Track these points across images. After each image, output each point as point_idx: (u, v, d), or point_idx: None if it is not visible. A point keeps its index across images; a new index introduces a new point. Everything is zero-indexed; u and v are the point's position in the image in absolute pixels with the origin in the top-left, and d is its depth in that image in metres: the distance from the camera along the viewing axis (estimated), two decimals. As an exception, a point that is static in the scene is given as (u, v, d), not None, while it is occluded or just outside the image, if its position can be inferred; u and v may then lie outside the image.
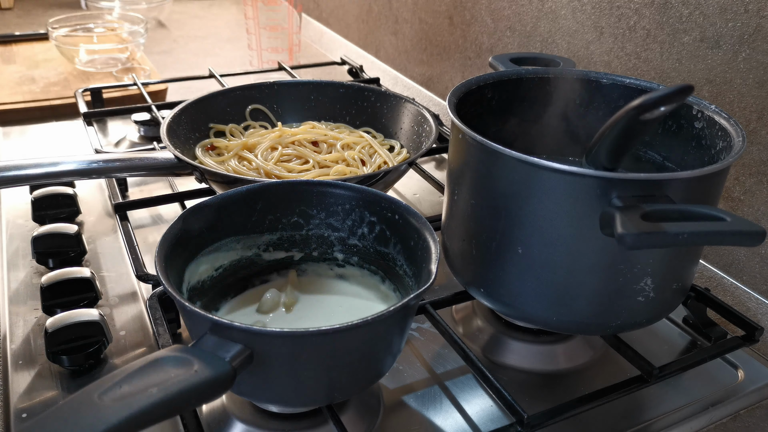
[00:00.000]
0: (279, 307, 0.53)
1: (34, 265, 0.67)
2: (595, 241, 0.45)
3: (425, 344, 0.59)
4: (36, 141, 0.96)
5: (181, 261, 0.48)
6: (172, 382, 0.35)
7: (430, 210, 0.83)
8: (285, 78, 1.05)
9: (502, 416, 0.52)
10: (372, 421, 0.51)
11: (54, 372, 0.54)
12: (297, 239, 0.56)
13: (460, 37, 1.04)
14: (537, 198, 0.46)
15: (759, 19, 0.59)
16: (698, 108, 0.55)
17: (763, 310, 0.63)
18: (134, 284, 0.65)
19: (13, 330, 0.58)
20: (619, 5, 0.74)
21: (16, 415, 0.50)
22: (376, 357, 0.44)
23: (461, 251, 0.55)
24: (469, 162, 0.51)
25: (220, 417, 0.49)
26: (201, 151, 0.78)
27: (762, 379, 0.57)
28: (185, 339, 0.58)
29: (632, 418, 0.53)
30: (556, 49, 0.84)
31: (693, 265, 0.52)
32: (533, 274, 0.49)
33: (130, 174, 0.71)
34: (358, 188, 0.53)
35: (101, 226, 0.75)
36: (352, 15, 1.41)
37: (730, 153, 0.48)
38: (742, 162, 0.64)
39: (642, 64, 0.72)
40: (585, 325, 0.50)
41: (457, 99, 0.55)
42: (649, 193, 0.43)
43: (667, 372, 0.52)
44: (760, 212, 0.63)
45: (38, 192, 0.75)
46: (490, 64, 0.68)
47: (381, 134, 0.85)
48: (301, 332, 0.38)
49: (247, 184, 0.53)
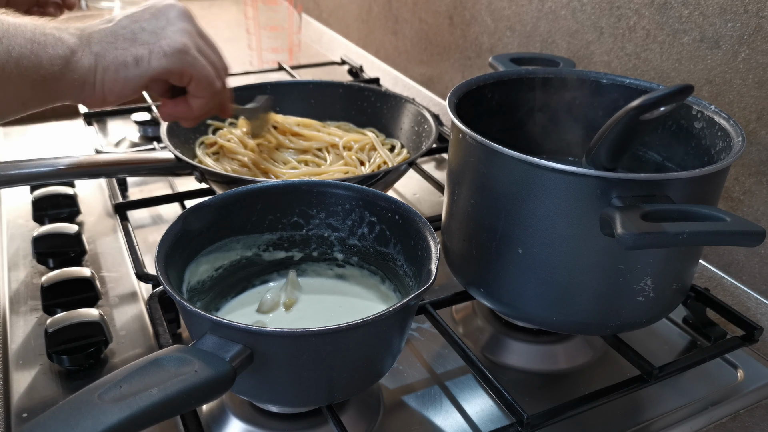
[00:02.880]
0: (279, 307, 0.53)
1: (34, 265, 0.67)
2: (595, 241, 0.45)
3: (425, 344, 0.59)
4: (36, 141, 0.96)
5: (181, 261, 0.48)
6: (172, 382, 0.35)
7: (430, 210, 0.83)
8: (285, 78, 1.05)
9: (502, 416, 0.52)
10: (372, 421, 0.51)
11: (54, 372, 0.54)
12: (297, 239, 0.56)
13: (460, 37, 1.05)
14: (537, 198, 0.46)
15: (759, 20, 0.59)
16: (698, 108, 0.55)
17: (763, 310, 0.63)
18: (134, 284, 0.65)
19: (13, 330, 0.58)
20: (619, 5, 0.74)
21: (16, 414, 0.50)
22: (376, 357, 0.44)
23: (461, 251, 0.55)
24: (469, 162, 0.51)
25: (220, 417, 0.49)
26: (201, 151, 0.78)
27: (761, 379, 0.57)
28: (185, 339, 0.58)
29: (632, 418, 0.53)
30: (556, 49, 0.84)
31: (693, 265, 0.52)
32: (533, 274, 0.49)
33: (130, 174, 0.71)
34: (358, 188, 0.53)
35: (101, 226, 0.75)
36: (352, 15, 1.41)
37: (730, 153, 0.48)
38: (741, 162, 0.64)
39: (642, 64, 0.72)
40: (585, 325, 0.50)
41: (457, 99, 0.55)
42: (649, 193, 0.43)
43: (667, 372, 0.52)
44: (760, 212, 0.63)
45: (38, 192, 0.75)
46: (490, 64, 0.68)
47: (382, 134, 0.85)
48: (301, 332, 0.38)
49: (247, 184, 0.53)
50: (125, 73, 0.53)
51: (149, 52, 0.54)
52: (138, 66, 0.53)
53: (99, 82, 0.52)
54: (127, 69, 0.53)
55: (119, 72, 0.53)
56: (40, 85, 0.49)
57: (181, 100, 0.62)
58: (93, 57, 0.51)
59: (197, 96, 0.60)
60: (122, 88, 0.54)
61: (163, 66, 0.55)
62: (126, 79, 0.53)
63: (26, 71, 0.47)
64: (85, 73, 0.51)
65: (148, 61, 0.54)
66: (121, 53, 0.53)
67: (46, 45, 0.48)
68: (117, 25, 0.54)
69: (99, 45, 0.52)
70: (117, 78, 0.53)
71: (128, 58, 0.53)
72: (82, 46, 0.51)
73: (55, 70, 0.49)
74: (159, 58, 0.54)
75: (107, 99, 0.54)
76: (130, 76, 0.53)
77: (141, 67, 0.54)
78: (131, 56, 0.53)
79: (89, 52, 0.51)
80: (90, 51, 0.51)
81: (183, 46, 0.56)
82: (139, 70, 0.54)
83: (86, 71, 0.51)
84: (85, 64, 0.51)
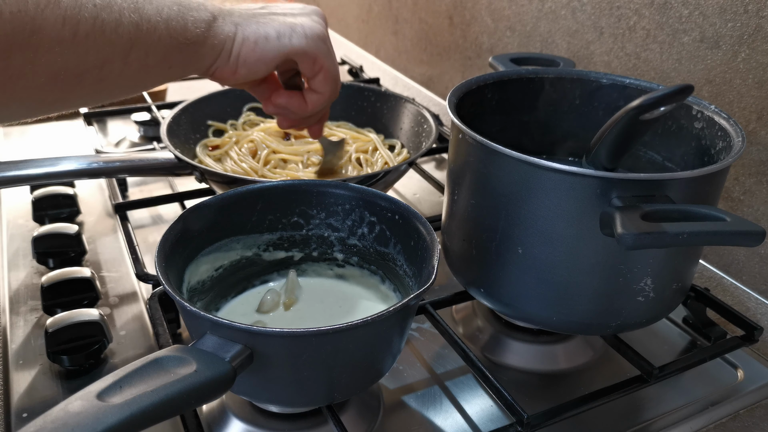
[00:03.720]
0: (279, 307, 0.53)
1: (34, 265, 0.67)
2: (595, 241, 0.45)
3: (425, 344, 0.59)
4: (36, 141, 0.96)
5: (181, 261, 0.48)
6: (172, 382, 0.35)
7: (430, 210, 0.83)
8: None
9: (502, 416, 0.52)
10: (372, 421, 0.51)
11: (54, 372, 0.54)
12: (297, 239, 0.56)
13: (460, 37, 1.05)
14: (537, 198, 0.46)
15: (758, 20, 0.59)
16: (698, 108, 0.55)
17: (763, 310, 0.63)
18: (134, 284, 0.65)
19: (13, 330, 0.58)
20: (619, 5, 0.74)
21: (16, 414, 0.50)
22: (376, 357, 0.44)
23: (461, 251, 0.55)
24: (469, 162, 0.51)
25: (220, 417, 0.49)
26: (201, 151, 0.78)
27: (761, 379, 0.57)
28: (185, 339, 0.58)
29: (632, 418, 0.53)
30: (556, 49, 0.84)
31: (693, 265, 0.52)
32: (533, 274, 0.49)
33: (130, 174, 0.71)
34: (358, 188, 0.53)
35: (101, 226, 0.75)
36: (352, 15, 1.41)
37: (730, 153, 0.48)
38: (741, 162, 0.64)
39: (642, 64, 0.72)
40: (585, 325, 0.50)
41: (457, 99, 0.55)
42: (649, 193, 0.43)
43: (666, 372, 0.52)
44: (760, 212, 0.63)
45: (38, 192, 0.76)
46: (490, 64, 0.68)
47: (381, 134, 0.85)
48: (301, 332, 0.38)
49: (247, 184, 0.53)
50: (264, 45, 0.52)
51: (291, 29, 0.54)
52: (279, 40, 0.53)
53: (236, 51, 0.52)
54: (267, 41, 0.52)
55: (258, 43, 0.52)
56: (186, 47, 0.48)
57: (296, 93, 0.61)
58: (234, 25, 0.51)
59: (318, 91, 0.59)
60: (257, 60, 0.53)
61: (302, 45, 0.54)
62: (263, 51, 0.53)
63: (174, 32, 0.47)
64: (225, 38, 0.51)
65: (289, 37, 0.53)
66: (262, 26, 0.53)
67: (190, 8, 0.48)
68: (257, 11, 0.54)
69: (240, 17, 0.52)
70: (255, 49, 0.52)
71: (270, 30, 0.53)
72: (223, 15, 0.51)
73: (198, 32, 0.49)
74: (300, 37, 0.54)
75: (239, 72, 0.53)
76: (268, 49, 0.53)
77: (281, 41, 0.53)
78: (273, 29, 0.53)
79: (230, 21, 0.51)
80: (231, 20, 0.52)
81: (323, 34, 0.56)
82: (278, 44, 0.53)
83: (226, 37, 0.51)
84: (226, 30, 0.51)
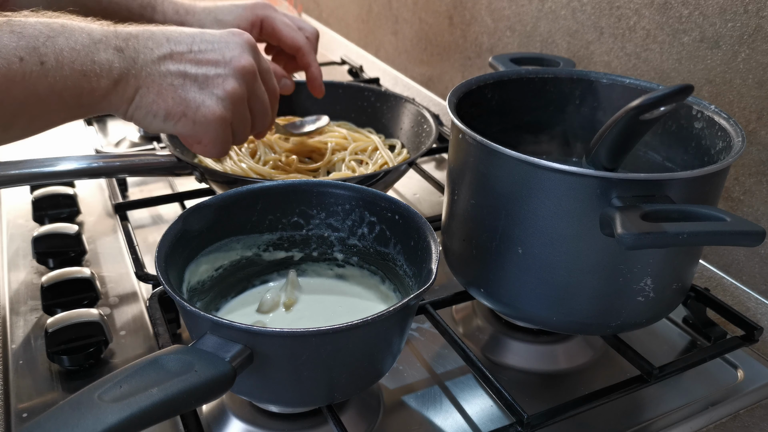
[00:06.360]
0: (279, 307, 0.53)
1: (34, 265, 0.67)
2: (595, 241, 0.45)
3: (425, 344, 0.59)
4: (36, 141, 0.96)
5: (181, 261, 0.48)
6: (172, 382, 0.35)
7: (430, 210, 0.83)
8: (285, 78, 1.05)
9: (502, 416, 0.52)
10: (372, 421, 0.51)
11: (54, 372, 0.54)
12: (297, 239, 0.56)
13: (460, 37, 1.05)
14: (537, 198, 0.46)
15: (758, 20, 0.59)
16: (698, 108, 0.55)
17: (763, 310, 0.63)
18: (134, 284, 0.65)
19: (13, 330, 0.58)
20: (619, 5, 0.74)
21: (16, 415, 0.50)
22: (376, 357, 0.44)
23: (461, 251, 0.55)
24: (469, 162, 0.51)
25: (220, 417, 0.49)
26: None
27: (761, 379, 0.57)
28: (185, 339, 0.58)
29: (632, 418, 0.53)
30: (556, 49, 0.84)
31: (693, 265, 0.52)
32: (533, 274, 0.49)
33: (130, 174, 0.71)
34: (358, 188, 0.53)
35: (101, 226, 0.75)
36: (352, 15, 1.41)
37: (730, 153, 0.48)
38: (741, 162, 0.64)
39: (642, 64, 0.72)
40: (585, 325, 0.50)
41: (457, 99, 0.55)
42: (649, 193, 0.43)
43: (666, 372, 0.52)
44: (760, 212, 0.63)
45: (38, 192, 0.76)
46: (490, 64, 0.68)
47: (382, 134, 0.85)
48: (301, 332, 0.38)
49: (247, 184, 0.53)
50: (150, 121, 0.53)
51: (182, 113, 0.53)
52: (164, 122, 0.53)
53: (130, 113, 0.52)
54: (155, 119, 0.53)
55: (146, 118, 0.53)
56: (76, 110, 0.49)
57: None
58: (134, 90, 0.51)
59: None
60: (146, 128, 0.54)
61: (183, 132, 0.55)
62: (149, 126, 0.54)
63: (67, 101, 0.47)
64: (119, 104, 0.51)
65: (175, 122, 0.54)
66: (158, 100, 0.52)
67: (91, 77, 0.47)
68: (171, 66, 0.53)
69: (147, 77, 0.51)
70: (143, 120, 0.53)
71: (160, 110, 0.53)
72: (128, 77, 0.50)
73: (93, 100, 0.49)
74: (187, 123, 0.54)
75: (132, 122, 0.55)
76: (154, 126, 0.54)
77: (166, 124, 0.54)
78: (164, 109, 0.53)
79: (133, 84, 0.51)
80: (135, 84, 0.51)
81: (217, 120, 0.55)
82: (162, 126, 0.54)
83: (121, 102, 0.51)
84: (123, 98, 0.51)
